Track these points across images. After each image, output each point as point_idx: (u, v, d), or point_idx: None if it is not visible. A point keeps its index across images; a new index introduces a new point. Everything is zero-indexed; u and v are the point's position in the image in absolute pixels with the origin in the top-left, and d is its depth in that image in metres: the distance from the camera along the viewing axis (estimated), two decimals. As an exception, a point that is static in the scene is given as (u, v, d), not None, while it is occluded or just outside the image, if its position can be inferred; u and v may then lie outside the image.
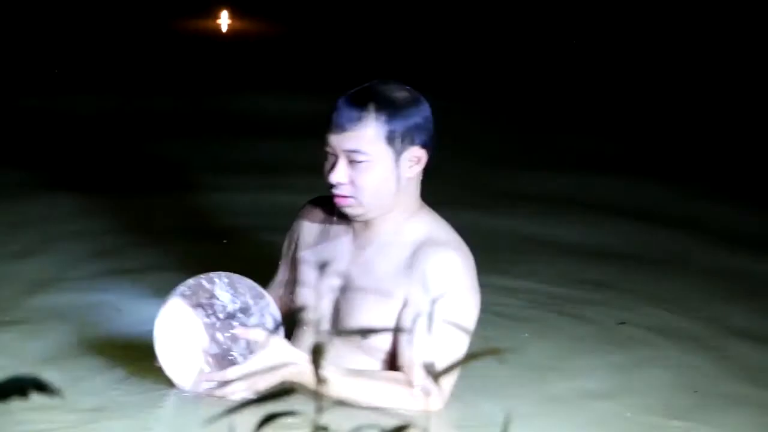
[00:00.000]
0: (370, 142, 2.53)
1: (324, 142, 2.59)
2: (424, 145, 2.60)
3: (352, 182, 2.54)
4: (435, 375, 2.33)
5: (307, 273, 2.73)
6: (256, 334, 2.48)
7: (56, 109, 6.66)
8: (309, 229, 2.81)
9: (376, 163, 2.54)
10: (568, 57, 9.21)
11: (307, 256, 2.76)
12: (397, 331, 2.58)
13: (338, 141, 2.55)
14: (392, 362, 2.58)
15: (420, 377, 2.46)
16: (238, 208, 4.67)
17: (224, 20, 10.09)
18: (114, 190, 4.96)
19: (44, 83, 7.35)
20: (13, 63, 7.83)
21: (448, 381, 2.53)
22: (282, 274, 2.89)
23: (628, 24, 9.97)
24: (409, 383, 2.47)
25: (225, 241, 4.18)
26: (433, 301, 2.45)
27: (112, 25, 9.48)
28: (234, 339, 2.51)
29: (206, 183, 5.18)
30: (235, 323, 2.52)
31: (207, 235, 4.30)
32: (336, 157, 2.56)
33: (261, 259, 3.25)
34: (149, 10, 10.04)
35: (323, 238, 2.76)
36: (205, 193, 5.02)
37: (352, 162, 2.54)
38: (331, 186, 2.57)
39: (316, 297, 2.68)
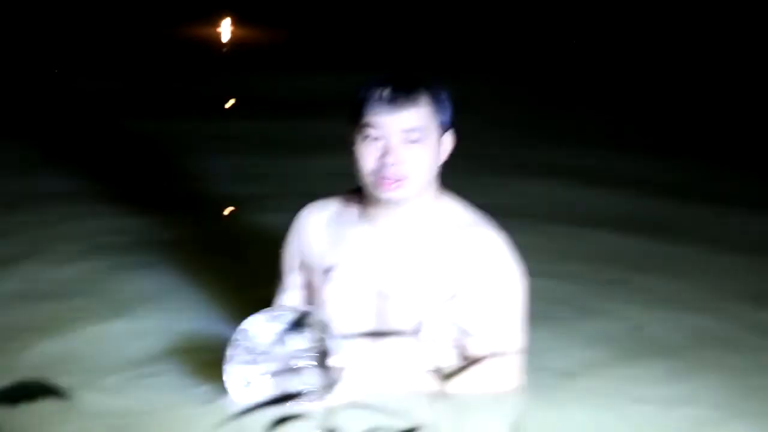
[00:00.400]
0: (426, 120, 2.49)
1: (359, 126, 2.50)
2: (454, 131, 2.60)
3: (403, 163, 2.46)
4: (510, 352, 2.45)
5: (328, 279, 2.60)
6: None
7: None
8: (317, 235, 2.67)
9: (428, 142, 2.49)
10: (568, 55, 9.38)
11: (325, 263, 2.62)
12: (458, 320, 2.50)
13: (393, 120, 2.46)
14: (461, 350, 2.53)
15: (500, 357, 2.45)
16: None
17: (226, 28, 10.23)
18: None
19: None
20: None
21: (521, 357, 2.53)
22: (292, 283, 2.75)
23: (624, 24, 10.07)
24: (494, 365, 2.45)
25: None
26: (494, 283, 2.50)
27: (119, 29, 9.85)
28: (297, 372, 2.42)
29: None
30: (294, 360, 2.42)
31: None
32: (385, 139, 2.46)
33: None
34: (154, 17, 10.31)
35: (338, 240, 2.63)
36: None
37: (404, 142, 2.47)
38: (379, 169, 2.46)
39: (349, 301, 2.56)
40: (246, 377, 2.41)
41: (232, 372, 2.41)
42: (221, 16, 10.55)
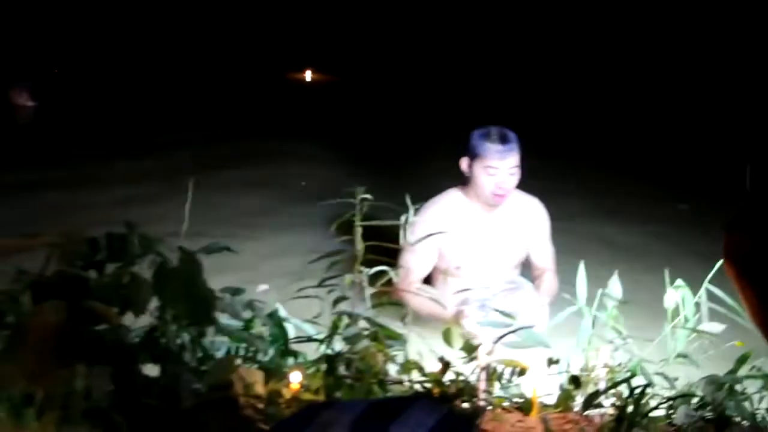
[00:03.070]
0: (518, 159, 3.87)
1: (481, 164, 3.83)
2: None
3: (508, 187, 3.87)
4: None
5: (464, 248, 3.92)
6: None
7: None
8: (448, 228, 3.78)
9: (518, 170, 3.88)
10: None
11: (458, 241, 3.90)
12: (533, 251, 4.13)
13: (505, 162, 3.83)
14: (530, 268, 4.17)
15: (552, 269, 4.11)
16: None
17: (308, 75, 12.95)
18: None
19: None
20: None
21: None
22: (421, 268, 3.89)
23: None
24: (552, 275, 4.05)
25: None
26: (544, 227, 4.16)
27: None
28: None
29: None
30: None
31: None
32: (499, 173, 3.82)
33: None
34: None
35: (459, 228, 3.90)
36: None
37: (509, 174, 3.84)
38: (494, 190, 3.84)
39: (481, 256, 3.94)
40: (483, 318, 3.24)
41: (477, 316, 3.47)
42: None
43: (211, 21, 12.56)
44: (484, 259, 3.97)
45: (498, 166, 3.80)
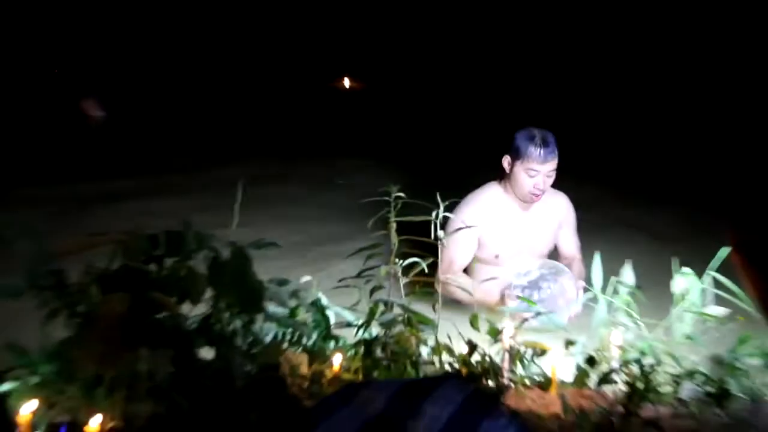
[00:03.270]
0: (556, 163, 4.00)
1: (523, 165, 3.97)
2: None
3: (545, 188, 4.02)
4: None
5: (502, 239, 4.09)
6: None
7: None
8: (488, 220, 4.05)
9: (554, 173, 4.02)
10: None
11: (497, 232, 4.08)
12: (562, 242, 4.36)
13: (545, 166, 3.98)
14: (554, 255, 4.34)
15: (579, 257, 4.34)
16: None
17: (346, 82, 13.65)
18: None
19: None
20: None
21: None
22: (463, 257, 4.05)
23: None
24: (579, 262, 4.30)
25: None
26: (572, 220, 4.38)
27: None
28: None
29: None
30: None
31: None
32: (538, 176, 3.97)
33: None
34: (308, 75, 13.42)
35: (498, 221, 4.08)
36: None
37: (546, 177, 3.99)
38: (531, 189, 4.00)
39: (516, 246, 4.11)
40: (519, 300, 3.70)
41: (515, 297, 3.79)
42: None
43: (255, 36, 12.86)
44: (520, 249, 4.15)
45: (539, 169, 3.96)
